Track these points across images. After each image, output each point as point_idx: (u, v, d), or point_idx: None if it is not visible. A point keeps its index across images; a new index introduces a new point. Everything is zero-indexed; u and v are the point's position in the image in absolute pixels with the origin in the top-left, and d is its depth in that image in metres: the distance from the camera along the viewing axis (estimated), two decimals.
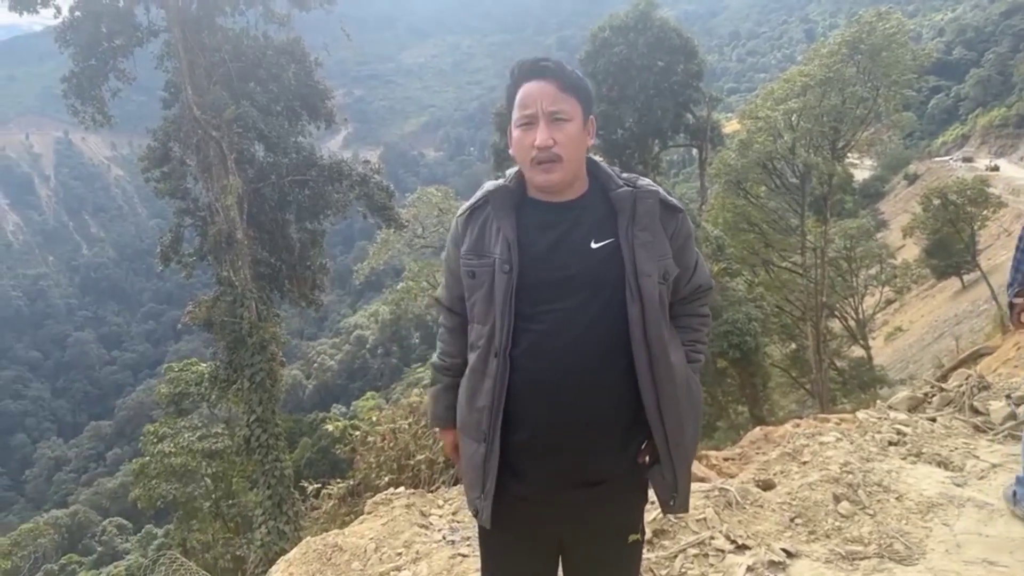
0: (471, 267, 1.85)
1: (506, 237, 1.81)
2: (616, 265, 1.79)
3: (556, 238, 1.81)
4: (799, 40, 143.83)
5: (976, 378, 4.89)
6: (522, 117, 1.81)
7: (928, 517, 3.32)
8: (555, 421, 1.78)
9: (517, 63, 1.86)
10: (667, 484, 1.90)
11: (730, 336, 20.29)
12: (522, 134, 1.81)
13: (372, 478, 8.55)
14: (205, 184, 16.64)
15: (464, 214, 1.91)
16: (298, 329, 76.67)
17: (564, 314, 1.77)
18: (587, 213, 1.84)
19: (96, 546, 48.72)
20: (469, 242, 1.87)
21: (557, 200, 1.86)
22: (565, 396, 1.76)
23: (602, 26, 22.25)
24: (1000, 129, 64.78)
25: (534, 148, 1.78)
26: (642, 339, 1.78)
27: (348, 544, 3.37)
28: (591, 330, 1.77)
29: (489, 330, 1.81)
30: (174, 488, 19.40)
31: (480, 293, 1.84)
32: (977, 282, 33.33)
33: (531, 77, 1.81)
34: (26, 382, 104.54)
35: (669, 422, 1.82)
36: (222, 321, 15.96)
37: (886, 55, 20.86)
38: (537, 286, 1.79)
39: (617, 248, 1.80)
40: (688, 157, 55.01)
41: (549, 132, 1.77)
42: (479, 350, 1.85)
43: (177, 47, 16.05)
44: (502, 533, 1.91)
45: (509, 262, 1.78)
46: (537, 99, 1.79)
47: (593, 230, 1.82)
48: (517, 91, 1.83)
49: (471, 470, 1.89)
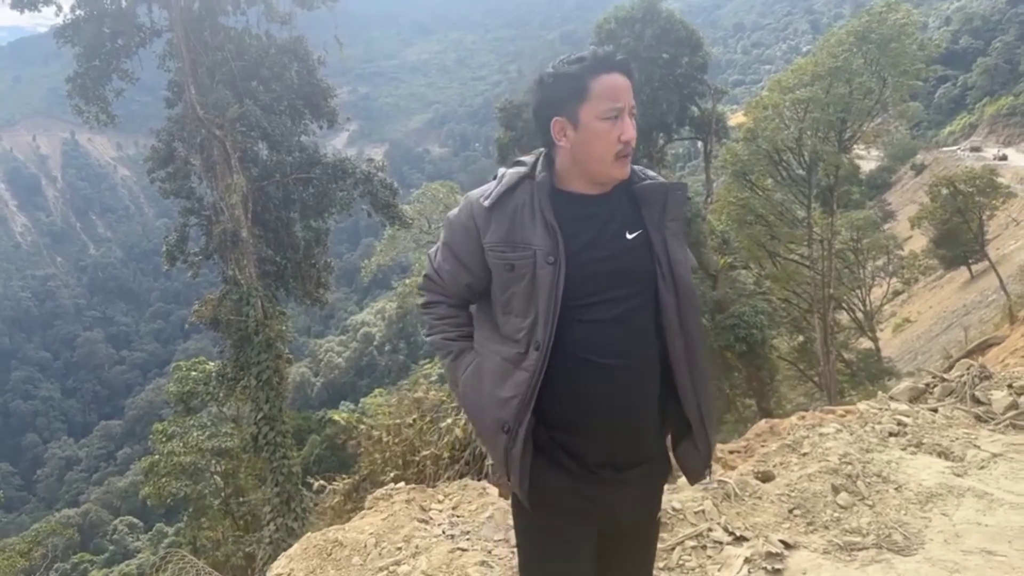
0: (508, 259, 1.82)
1: (552, 228, 1.79)
2: (648, 256, 1.87)
3: (596, 230, 1.85)
4: (804, 31, 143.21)
5: (978, 368, 4.87)
6: (611, 109, 1.79)
7: (927, 507, 3.32)
8: (608, 408, 1.83)
9: (591, 52, 1.82)
10: (701, 455, 1.98)
11: (737, 329, 20.26)
12: (610, 127, 1.80)
13: (377, 474, 8.58)
14: (209, 183, 16.72)
15: (489, 201, 1.85)
16: (305, 326, 76.85)
17: (610, 305, 1.82)
18: (618, 206, 1.89)
19: (108, 545, 49.10)
20: (498, 232, 1.84)
21: (593, 193, 1.89)
22: (618, 384, 1.82)
23: (607, 18, 22.21)
24: (1008, 118, 64.29)
25: (620, 142, 1.80)
26: (678, 326, 1.87)
27: (348, 539, 3.38)
28: (634, 320, 1.84)
29: (531, 323, 1.80)
30: (184, 486, 19.49)
31: (520, 286, 1.81)
32: (986, 272, 33.09)
33: (614, 69, 1.81)
34: (36, 382, 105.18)
35: (703, 399, 1.93)
36: (228, 319, 16.03)
37: (895, 46, 20.73)
38: (582, 279, 1.80)
39: (648, 239, 1.88)
40: (693, 150, 54.83)
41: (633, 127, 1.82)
42: (515, 343, 1.83)
43: (180, 47, 16.11)
44: (545, 518, 1.91)
45: (555, 254, 1.78)
46: (625, 93, 1.81)
47: (627, 222, 1.88)
48: (590, 81, 1.79)
49: (494, 455, 1.91)
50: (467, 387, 1.93)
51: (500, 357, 1.85)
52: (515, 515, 2.02)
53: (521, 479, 1.84)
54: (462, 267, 1.92)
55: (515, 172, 1.88)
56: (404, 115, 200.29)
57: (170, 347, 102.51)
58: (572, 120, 1.82)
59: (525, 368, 1.80)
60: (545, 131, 1.87)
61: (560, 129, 1.83)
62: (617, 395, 1.83)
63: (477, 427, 1.98)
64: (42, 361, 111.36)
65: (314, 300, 18.57)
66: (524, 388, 1.79)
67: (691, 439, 1.96)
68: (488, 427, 1.87)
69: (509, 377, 1.82)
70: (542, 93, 1.86)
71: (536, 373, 1.78)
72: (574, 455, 1.86)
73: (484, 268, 1.89)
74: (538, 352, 1.78)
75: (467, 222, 1.89)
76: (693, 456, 1.98)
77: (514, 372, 1.82)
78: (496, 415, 1.83)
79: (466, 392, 1.93)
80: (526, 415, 1.80)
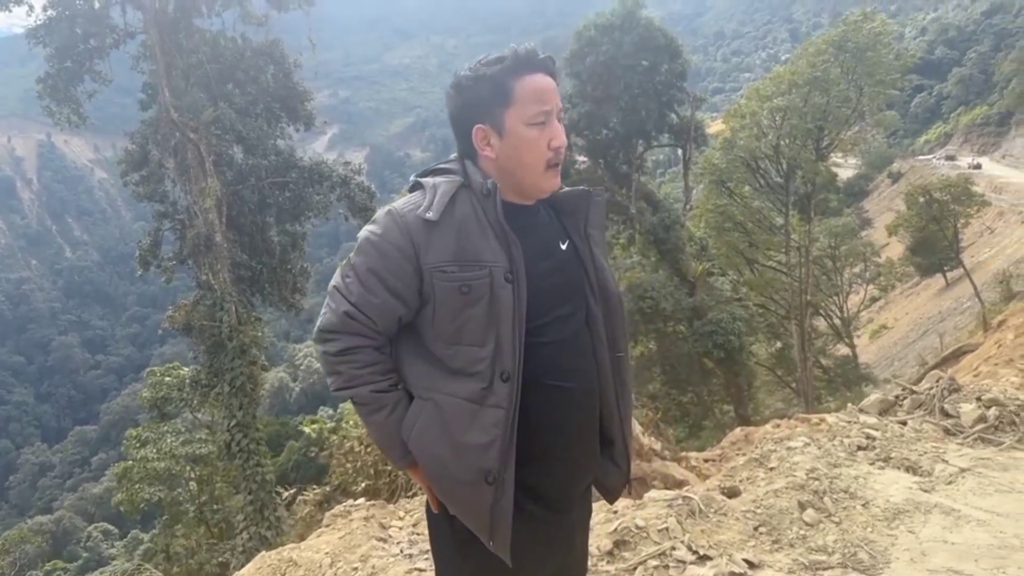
0: (461, 280, 1.58)
1: (510, 241, 1.59)
2: (579, 266, 1.75)
3: (538, 242, 1.70)
4: (783, 40, 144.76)
5: (947, 380, 4.85)
6: (539, 114, 1.63)
7: (894, 524, 3.27)
8: (570, 436, 1.70)
9: (511, 51, 1.64)
10: (622, 472, 1.86)
11: (715, 336, 20.33)
12: (539, 133, 1.64)
13: (349, 484, 8.49)
14: (183, 187, 16.52)
15: (435, 214, 1.59)
16: (284, 331, 76.34)
17: (562, 323, 1.69)
18: (545, 215, 1.77)
19: (82, 552, 48.39)
20: (444, 250, 1.59)
21: (526, 203, 1.74)
22: (577, 408, 1.70)
23: (587, 25, 22.25)
24: (982, 127, 65.29)
25: (550, 149, 1.65)
26: (606, 337, 1.75)
27: (303, 559, 3.28)
28: (581, 334, 1.72)
29: (492, 351, 1.58)
30: (158, 491, 19.27)
31: (476, 310, 1.58)
32: (960, 280, 33.52)
33: (538, 69, 1.65)
34: (9, 387, 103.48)
35: (625, 415, 1.82)
36: (201, 325, 15.83)
37: (871, 55, 20.93)
38: (537, 295, 1.63)
39: (575, 248, 1.75)
40: (673, 157, 55.00)
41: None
42: (473, 377, 1.59)
43: (154, 49, 15.92)
44: (515, 562, 1.67)
45: (512, 270, 1.58)
46: (552, 94, 1.65)
47: (557, 232, 1.76)
48: (513, 83, 1.63)
49: (471, 516, 1.64)
50: (425, 441, 1.64)
51: (458, 397, 1.61)
52: (450, 555, 1.76)
53: (506, 536, 1.61)
54: (395, 298, 1.63)
55: (449, 180, 1.66)
56: (385, 119, 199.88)
57: (146, 352, 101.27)
58: (496, 127, 1.65)
59: (496, 405, 1.58)
60: (465, 139, 1.70)
61: (483, 137, 1.67)
62: (581, 421, 1.71)
63: (444, 484, 1.65)
64: (15, 365, 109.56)
65: (290, 306, 18.39)
66: (501, 429, 1.58)
67: (611, 456, 1.84)
68: (464, 481, 1.61)
69: (476, 419, 1.59)
70: (460, 98, 1.68)
71: (511, 409, 1.58)
72: (539, 497, 1.68)
73: (417, 296, 1.63)
74: (508, 383, 1.57)
75: (400, 242, 1.61)
76: (613, 474, 1.86)
77: (481, 412, 1.59)
78: (475, 465, 1.59)
79: (424, 447, 1.64)
80: (511, 458, 1.59)
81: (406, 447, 1.68)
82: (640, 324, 19.95)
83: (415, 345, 1.69)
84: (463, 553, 1.71)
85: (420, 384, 1.67)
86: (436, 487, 1.67)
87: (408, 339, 1.70)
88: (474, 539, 1.65)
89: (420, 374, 1.67)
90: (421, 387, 1.66)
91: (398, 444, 1.68)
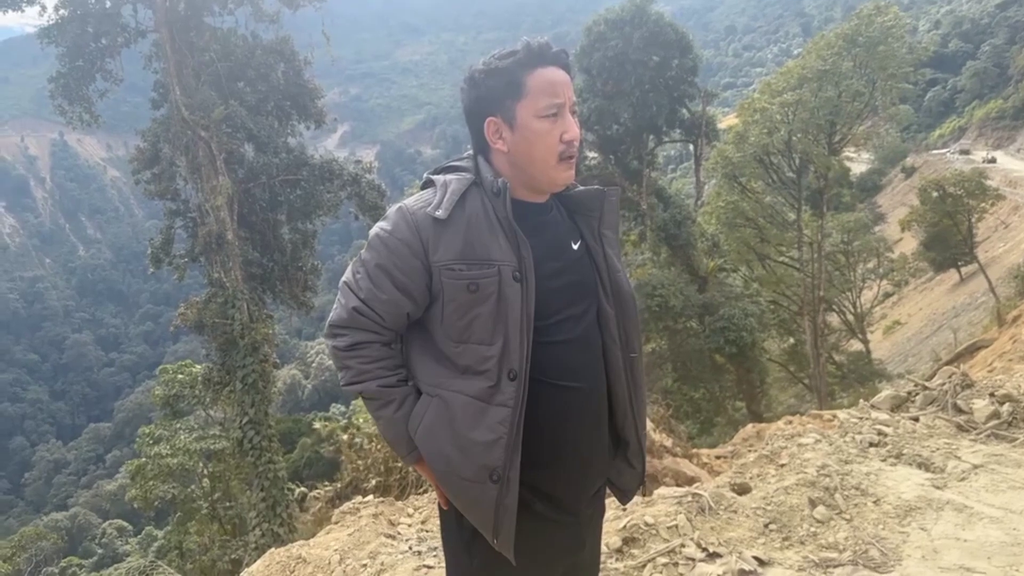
0: (469, 278, 1.59)
1: (519, 240, 1.60)
2: (592, 267, 1.74)
3: (549, 241, 1.70)
4: (795, 34, 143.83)
5: (960, 376, 4.80)
6: (551, 106, 1.63)
7: (906, 521, 3.24)
8: (579, 435, 1.70)
9: (523, 45, 1.64)
10: (636, 473, 1.87)
11: (727, 332, 20.27)
12: (551, 125, 1.64)
13: (360, 480, 8.51)
14: (195, 185, 16.57)
15: (444, 212, 1.61)
16: (296, 329, 76.59)
17: (573, 323, 1.69)
18: (557, 214, 1.77)
19: (96, 548, 48.70)
20: (452, 248, 1.60)
21: (537, 201, 1.74)
22: (587, 408, 1.70)
23: (597, 20, 22.21)
24: (997, 121, 64.62)
25: (563, 142, 1.65)
26: (619, 340, 1.75)
27: (312, 556, 3.28)
28: (592, 335, 1.72)
29: (500, 350, 1.59)
30: (171, 488, 19.39)
31: (484, 308, 1.59)
32: (975, 275, 33.25)
33: (550, 62, 1.65)
34: (24, 385, 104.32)
35: (640, 415, 1.81)
36: (213, 323, 15.87)
37: (883, 49, 20.76)
38: (545, 295, 1.63)
39: (587, 248, 1.75)
40: (685, 152, 54.92)
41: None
42: (481, 375, 1.61)
43: (165, 47, 15.98)
44: (522, 560, 1.67)
45: (520, 269, 1.59)
46: (564, 87, 1.65)
47: (569, 231, 1.76)
48: (525, 76, 1.63)
49: (476, 513, 1.65)
50: (431, 437, 1.66)
51: (465, 395, 1.62)
52: (465, 558, 1.75)
53: (510, 534, 1.62)
54: (403, 294, 1.65)
55: (460, 178, 1.67)
56: (396, 116, 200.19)
57: (159, 349, 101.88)
58: (508, 120, 1.65)
59: (502, 403, 1.59)
60: (478, 133, 1.70)
61: (495, 130, 1.67)
62: (590, 422, 1.71)
63: (450, 481, 1.67)
64: (30, 363, 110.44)
65: (301, 304, 18.42)
66: (508, 427, 1.59)
67: (625, 457, 1.84)
68: (469, 479, 1.62)
69: (483, 417, 1.60)
70: (474, 92, 1.68)
71: (517, 407, 1.59)
72: (548, 497, 1.69)
73: (426, 293, 1.65)
74: (515, 382, 1.59)
75: (409, 238, 1.63)
76: (628, 474, 1.86)
77: (488, 410, 1.60)
78: (480, 463, 1.60)
79: (430, 443, 1.66)
80: (516, 457, 1.60)
81: (413, 443, 1.70)
82: (650, 321, 19.91)
83: (424, 342, 1.71)
84: (471, 549, 1.72)
85: (428, 381, 1.69)
86: (442, 483, 1.69)
87: (418, 336, 1.72)
88: (481, 536, 1.67)
89: (429, 371, 1.69)
90: (429, 384, 1.68)
91: (405, 439, 1.71)
